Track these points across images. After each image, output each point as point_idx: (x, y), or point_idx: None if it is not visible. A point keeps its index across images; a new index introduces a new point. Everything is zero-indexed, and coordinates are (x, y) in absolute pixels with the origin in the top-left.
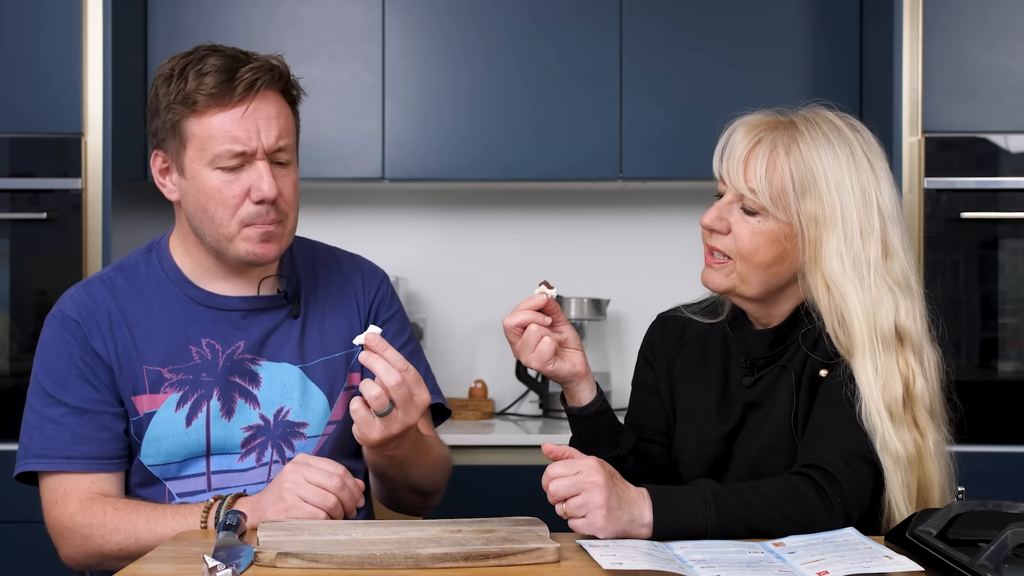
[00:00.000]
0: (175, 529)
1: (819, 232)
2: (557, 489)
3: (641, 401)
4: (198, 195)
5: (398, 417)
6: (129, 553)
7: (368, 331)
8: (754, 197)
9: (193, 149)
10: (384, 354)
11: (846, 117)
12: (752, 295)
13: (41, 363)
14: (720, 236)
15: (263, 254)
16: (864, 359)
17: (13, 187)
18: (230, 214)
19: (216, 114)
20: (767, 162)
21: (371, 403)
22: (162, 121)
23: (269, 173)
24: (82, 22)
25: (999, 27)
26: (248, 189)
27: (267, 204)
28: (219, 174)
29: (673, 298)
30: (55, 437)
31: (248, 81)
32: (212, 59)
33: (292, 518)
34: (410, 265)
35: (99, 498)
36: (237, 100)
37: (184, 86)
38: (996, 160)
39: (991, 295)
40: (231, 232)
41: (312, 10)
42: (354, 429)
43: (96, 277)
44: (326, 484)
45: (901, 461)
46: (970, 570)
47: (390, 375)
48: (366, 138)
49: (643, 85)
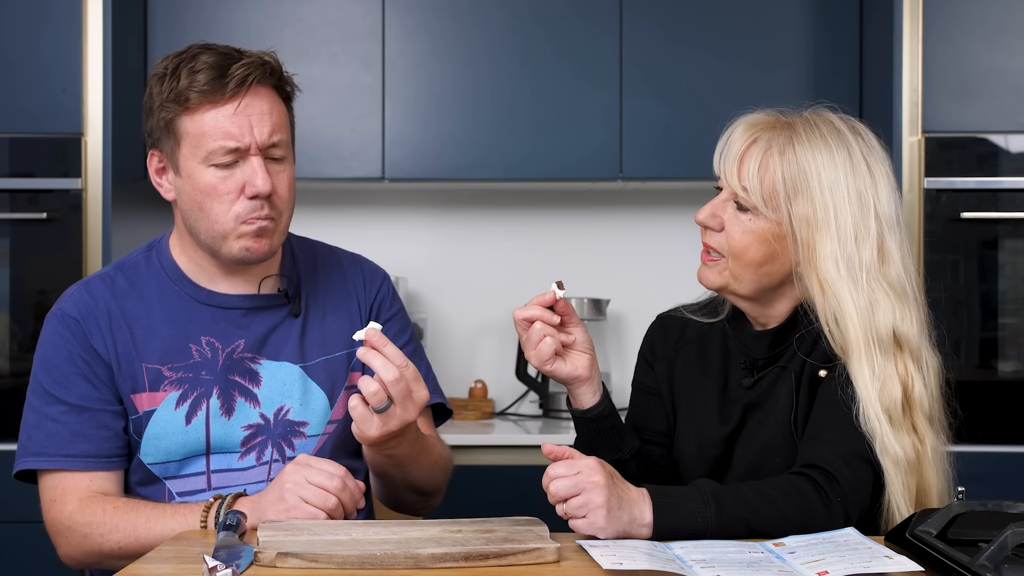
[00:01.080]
0: (175, 528)
1: (811, 234)
2: (558, 489)
3: (642, 402)
4: (193, 193)
5: (396, 414)
6: (129, 552)
7: (368, 327)
8: (746, 195)
9: (187, 147)
10: (383, 350)
11: (849, 120)
12: (745, 293)
13: (40, 361)
14: (713, 233)
15: (257, 249)
16: (860, 362)
17: (13, 187)
18: (225, 211)
19: (209, 111)
20: (760, 161)
21: (369, 399)
22: (156, 120)
23: (263, 168)
24: (82, 22)
25: (999, 27)
26: (243, 185)
27: (261, 199)
28: (213, 171)
29: (673, 298)
30: (54, 435)
31: (240, 77)
32: (204, 57)
33: (293, 518)
34: (410, 265)
35: (98, 497)
36: (229, 96)
37: (177, 84)
38: (996, 160)
39: (991, 295)
40: (226, 229)
41: (312, 10)
42: (353, 427)
43: (96, 275)
44: (327, 485)
45: (901, 464)
46: (970, 570)
47: (388, 371)
48: (366, 138)
49: (643, 84)
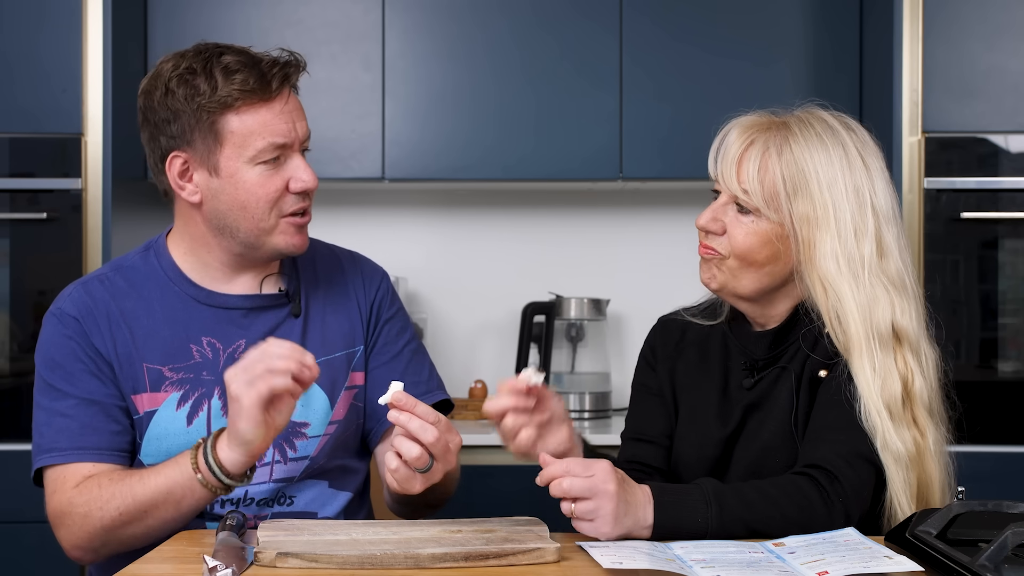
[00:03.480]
0: (170, 476)
1: (812, 232)
2: (571, 487)
3: (642, 403)
4: (236, 192)
5: (438, 468)
6: (130, 516)
7: (392, 389)
8: (747, 198)
9: (231, 147)
10: (415, 411)
11: (841, 116)
12: (745, 294)
13: (44, 361)
14: (715, 237)
15: (300, 245)
16: (862, 359)
17: (13, 187)
18: (270, 207)
19: (258, 110)
20: (759, 163)
21: (414, 464)
22: (186, 122)
23: (306, 164)
24: (82, 22)
25: (999, 27)
26: (288, 181)
27: (307, 193)
28: (260, 169)
29: (673, 298)
30: (64, 430)
31: (281, 76)
32: (229, 56)
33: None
34: (410, 265)
35: (92, 476)
36: (275, 95)
37: (215, 84)
38: (996, 160)
39: (991, 295)
40: (269, 225)
41: (312, 10)
42: (392, 484)
43: (94, 276)
44: (258, 369)
45: (902, 460)
46: (970, 570)
47: (427, 432)
48: (366, 138)
49: (643, 83)
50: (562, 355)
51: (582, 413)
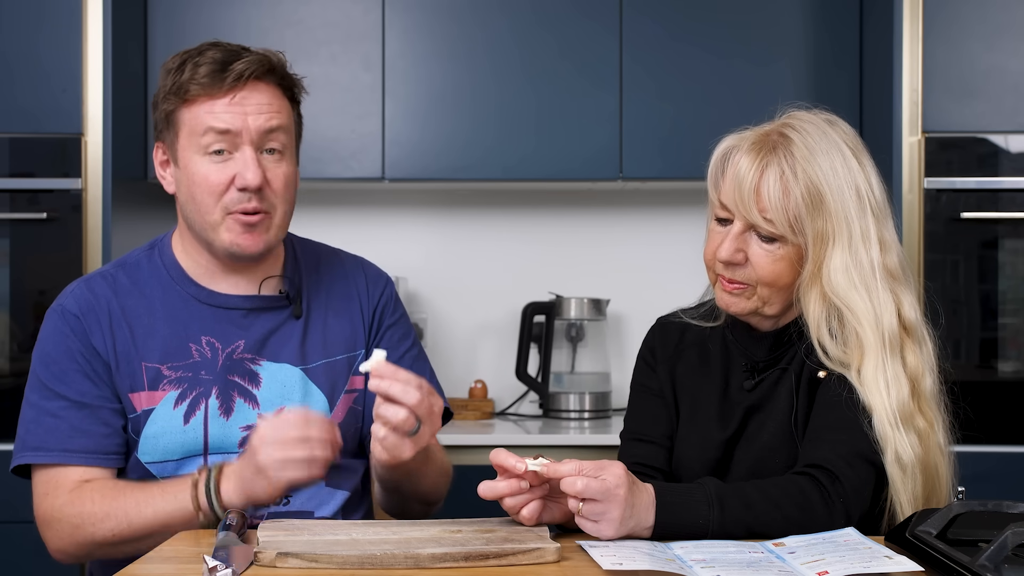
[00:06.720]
0: (166, 509)
1: (823, 250)
2: (586, 487)
3: (644, 404)
4: (189, 183)
5: (426, 431)
6: (123, 538)
7: (374, 357)
8: (772, 228)
9: (184, 137)
10: (397, 377)
11: (821, 113)
12: (774, 313)
13: (40, 356)
14: (737, 267)
15: (246, 246)
16: (876, 370)
17: (13, 187)
18: (215, 201)
19: (205, 102)
20: (780, 188)
21: (401, 426)
22: (160, 112)
23: (255, 160)
24: (82, 22)
25: (999, 27)
26: (234, 176)
27: (250, 191)
28: (208, 160)
29: (673, 298)
30: (53, 430)
31: (238, 72)
32: (211, 52)
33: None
34: (410, 265)
35: (85, 486)
36: (227, 89)
37: (180, 77)
38: (996, 160)
39: (991, 295)
40: (215, 220)
41: (312, 10)
42: (381, 455)
43: (98, 273)
44: (305, 455)
45: (908, 469)
46: (970, 570)
47: (410, 395)
48: (366, 138)
49: (643, 83)
50: (562, 355)
51: (582, 413)
